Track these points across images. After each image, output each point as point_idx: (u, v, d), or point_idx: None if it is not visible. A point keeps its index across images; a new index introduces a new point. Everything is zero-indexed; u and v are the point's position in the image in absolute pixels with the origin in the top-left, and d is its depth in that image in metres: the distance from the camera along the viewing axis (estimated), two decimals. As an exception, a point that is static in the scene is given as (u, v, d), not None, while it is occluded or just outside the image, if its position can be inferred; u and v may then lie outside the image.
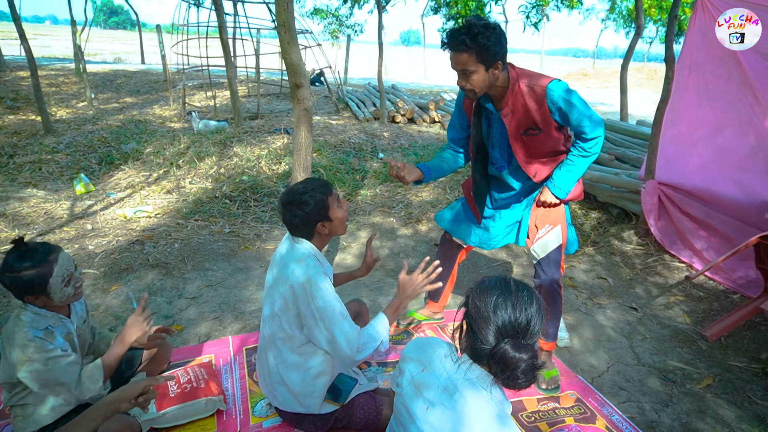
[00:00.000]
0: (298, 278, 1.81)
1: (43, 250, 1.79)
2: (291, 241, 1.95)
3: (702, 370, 2.67)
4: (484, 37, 1.95)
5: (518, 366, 1.18)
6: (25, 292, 1.77)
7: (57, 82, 11.47)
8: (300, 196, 1.84)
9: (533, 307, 1.23)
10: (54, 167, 5.76)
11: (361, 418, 2.04)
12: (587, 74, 23.77)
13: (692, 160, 3.78)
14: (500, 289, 1.25)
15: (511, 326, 1.21)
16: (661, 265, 3.82)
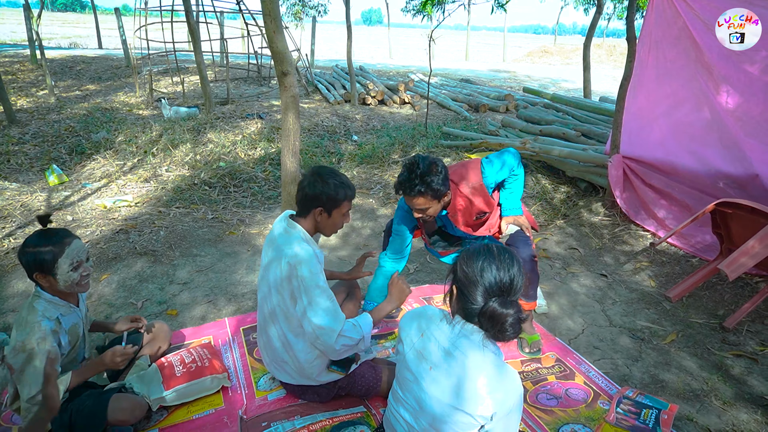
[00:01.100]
0: (293, 256, 1.90)
1: (62, 233, 1.91)
2: (285, 223, 2.04)
3: (667, 328, 2.93)
4: (435, 182, 2.25)
5: (506, 320, 1.35)
6: (35, 269, 1.86)
7: (12, 69, 11.02)
8: (330, 176, 1.94)
9: (515, 267, 1.40)
10: (23, 159, 5.64)
11: (363, 385, 2.18)
12: (549, 51, 24.16)
13: (653, 134, 4.02)
14: (485, 255, 1.41)
15: (497, 286, 1.37)
16: (627, 234, 4.08)
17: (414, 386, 1.55)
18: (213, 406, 2.25)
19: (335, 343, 1.92)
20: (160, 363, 2.31)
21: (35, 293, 1.95)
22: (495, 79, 14.29)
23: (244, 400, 2.29)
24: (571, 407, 2.26)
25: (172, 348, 2.57)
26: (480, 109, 8.14)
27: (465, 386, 1.42)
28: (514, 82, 13.90)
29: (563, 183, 5.02)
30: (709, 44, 3.59)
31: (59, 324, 1.93)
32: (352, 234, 4.19)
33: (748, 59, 3.35)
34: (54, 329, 1.88)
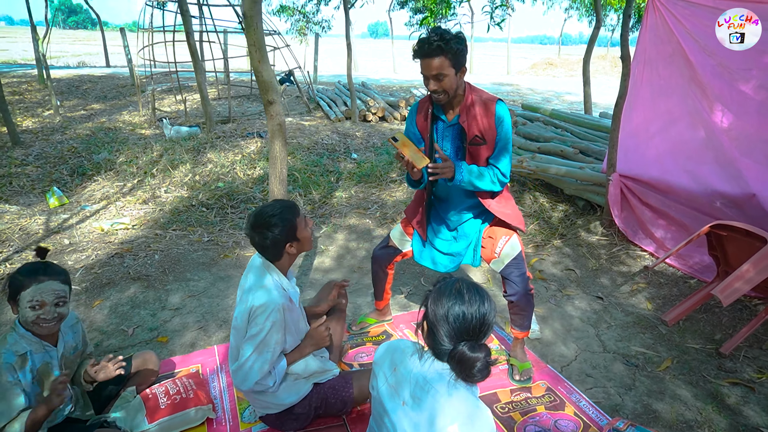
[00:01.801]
0: (253, 305, 1.93)
1: (44, 270, 1.92)
2: (263, 266, 2.03)
3: (662, 354, 2.87)
4: (456, 42, 2.12)
5: (475, 365, 1.33)
6: (8, 295, 1.90)
7: (20, 90, 11.21)
8: (269, 219, 1.92)
9: (484, 307, 1.38)
10: (25, 180, 5.70)
11: (336, 397, 2.17)
12: (553, 63, 24.18)
13: (649, 153, 3.99)
14: (454, 297, 1.39)
15: (465, 330, 1.36)
16: (625, 255, 4.03)
17: (387, 422, 1.53)
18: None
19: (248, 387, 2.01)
20: (145, 395, 2.30)
21: (13, 325, 1.95)
22: (498, 92, 14.32)
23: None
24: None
25: (161, 377, 2.56)
26: (481, 124, 8.13)
27: (436, 424, 1.40)
28: (517, 95, 13.92)
29: (561, 201, 4.98)
30: (702, 63, 3.57)
31: (25, 360, 1.90)
32: (346, 255, 4.18)
33: (741, 78, 3.33)
34: (13, 364, 1.86)
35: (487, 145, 2.31)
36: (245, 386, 2.00)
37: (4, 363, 1.83)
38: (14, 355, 1.87)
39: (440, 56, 2.12)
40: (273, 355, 1.97)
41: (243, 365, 1.95)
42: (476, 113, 2.29)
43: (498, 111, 2.27)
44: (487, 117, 2.28)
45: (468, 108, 2.29)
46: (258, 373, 1.96)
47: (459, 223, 2.57)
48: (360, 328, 3.09)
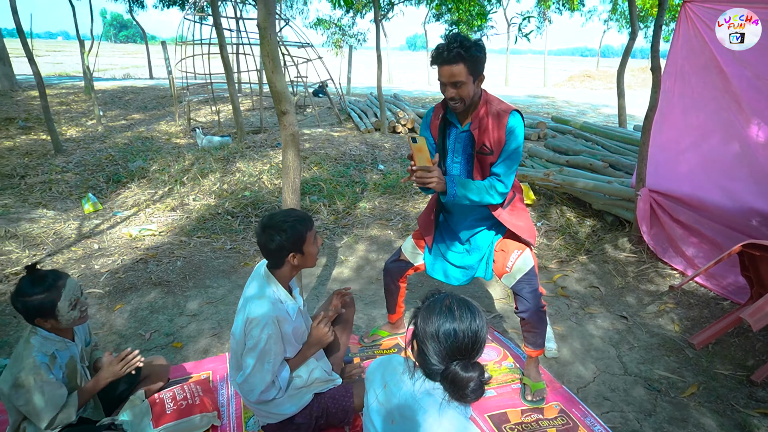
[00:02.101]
0: (248, 316, 1.92)
1: (53, 277, 1.97)
2: (264, 276, 2.03)
3: (687, 379, 2.72)
4: (475, 49, 2.08)
5: (468, 385, 1.27)
6: (35, 315, 1.93)
7: (67, 100, 11.74)
8: (281, 223, 1.92)
9: (476, 323, 1.31)
10: (64, 187, 5.93)
11: (336, 407, 2.14)
12: (591, 76, 23.70)
13: (680, 167, 3.83)
14: (444, 314, 1.33)
15: (457, 349, 1.30)
16: (653, 273, 3.87)
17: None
18: (200, 446, 2.24)
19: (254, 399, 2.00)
20: (152, 399, 2.33)
21: (31, 329, 2.01)
22: (532, 105, 14.12)
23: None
24: (570, 465, 2.12)
25: (171, 382, 2.59)
26: (511, 136, 8.01)
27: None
28: (552, 108, 13.68)
29: (589, 216, 4.83)
30: (737, 74, 3.41)
31: (54, 359, 1.98)
32: (366, 266, 4.16)
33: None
34: (47, 363, 1.94)
35: (494, 155, 2.25)
36: (252, 398, 2.00)
37: (42, 364, 1.91)
38: (45, 355, 1.94)
39: (459, 63, 2.07)
40: (274, 366, 1.96)
41: (247, 378, 1.95)
42: (488, 123, 2.23)
43: (510, 122, 2.21)
44: (499, 129, 2.22)
45: (481, 117, 2.24)
46: (261, 384, 1.95)
47: (471, 235, 2.52)
48: (372, 340, 3.05)
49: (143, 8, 17.84)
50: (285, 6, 19.92)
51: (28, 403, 1.88)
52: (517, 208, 2.44)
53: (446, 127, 2.37)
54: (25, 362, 1.91)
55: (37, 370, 1.89)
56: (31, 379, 1.87)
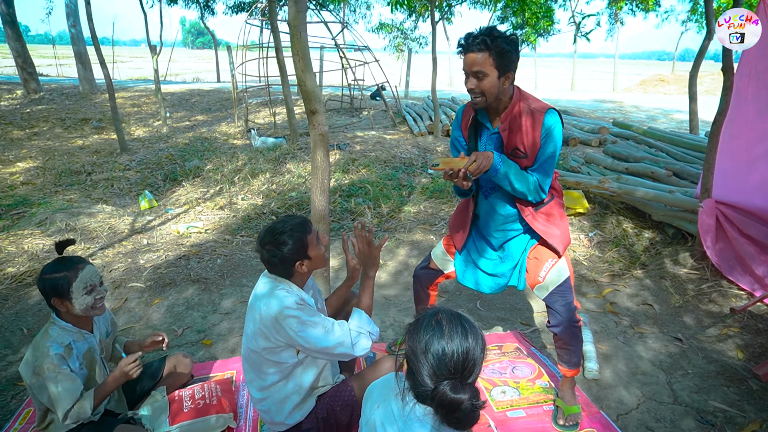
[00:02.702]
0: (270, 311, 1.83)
1: (75, 260, 2.03)
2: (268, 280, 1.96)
3: (748, 414, 2.43)
4: (504, 41, 1.93)
5: (459, 408, 1.13)
6: (52, 295, 1.97)
7: (139, 102, 12.41)
8: (279, 236, 1.84)
9: (468, 341, 1.17)
10: (124, 184, 6.23)
11: (340, 403, 2.04)
12: (665, 80, 22.37)
13: (752, 177, 3.47)
14: (432, 329, 1.20)
15: (445, 367, 1.16)
16: (716, 292, 3.52)
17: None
18: (214, 447, 2.22)
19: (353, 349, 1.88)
20: (172, 396, 2.33)
21: (51, 320, 2.06)
22: (598, 110, 13.49)
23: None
24: (600, 502, 1.92)
25: (196, 380, 2.60)
26: (570, 142, 7.66)
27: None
28: (619, 113, 13.01)
29: (648, 228, 4.49)
30: (821, 74, 3.04)
31: (70, 350, 2.02)
32: (404, 272, 4.05)
33: None
34: (62, 354, 1.97)
35: (529, 158, 2.09)
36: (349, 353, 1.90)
37: (55, 355, 1.95)
38: (61, 346, 1.99)
39: (483, 52, 1.93)
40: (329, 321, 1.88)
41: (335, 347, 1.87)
42: (522, 124, 2.07)
43: (546, 122, 2.03)
44: (534, 129, 2.06)
45: (513, 117, 2.08)
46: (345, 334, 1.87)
47: (504, 241, 2.35)
48: (400, 349, 2.94)
49: (213, 15, 18.64)
50: (348, 11, 20.19)
51: (46, 393, 1.93)
52: (553, 214, 2.26)
53: (477, 129, 2.23)
54: (41, 351, 1.96)
55: (52, 360, 1.93)
56: (45, 369, 1.90)
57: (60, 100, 11.89)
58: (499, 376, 2.67)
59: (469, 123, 2.23)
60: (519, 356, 2.86)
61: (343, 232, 2.41)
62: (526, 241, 2.31)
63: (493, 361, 2.81)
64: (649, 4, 16.69)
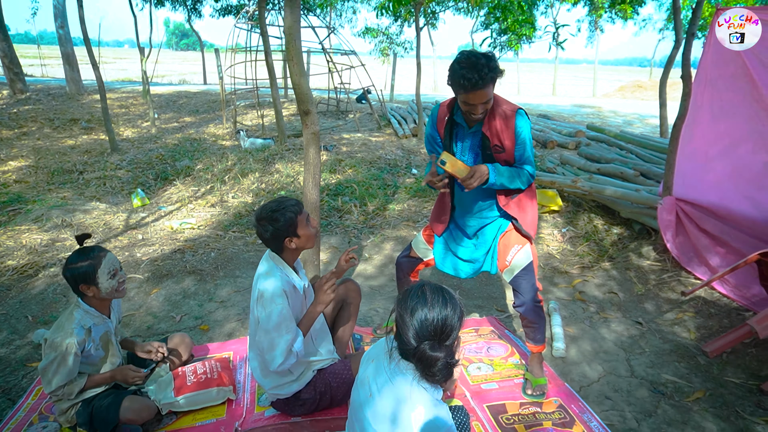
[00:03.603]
0: (260, 290, 2.10)
1: (96, 249, 2.26)
2: (270, 257, 2.22)
3: (695, 384, 2.72)
4: (495, 63, 2.14)
5: (435, 364, 1.38)
6: (80, 282, 2.19)
7: (127, 103, 12.50)
8: (272, 213, 2.10)
9: (447, 310, 1.42)
10: (116, 183, 6.38)
11: (338, 381, 2.28)
12: (643, 86, 23.00)
13: (708, 177, 3.79)
14: (418, 297, 1.45)
15: (427, 329, 1.41)
16: (675, 282, 3.82)
17: (359, 412, 1.62)
18: (216, 416, 2.44)
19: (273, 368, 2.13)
20: (176, 372, 2.55)
21: (76, 303, 2.28)
22: (576, 114, 13.90)
23: (244, 414, 2.45)
24: (560, 456, 2.18)
25: (193, 360, 2.81)
26: (548, 145, 7.98)
27: (397, 419, 1.48)
28: (597, 118, 13.43)
29: (617, 224, 4.80)
30: (767, 83, 3.36)
31: (89, 333, 2.24)
32: (389, 265, 4.30)
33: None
34: (83, 338, 2.20)
35: (506, 153, 2.35)
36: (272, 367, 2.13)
37: (77, 338, 2.17)
38: (83, 329, 2.21)
39: (490, 84, 2.14)
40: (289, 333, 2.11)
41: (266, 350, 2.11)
42: (497, 124, 2.33)
43: (517, 121, 2.29)
44: (508, 128, 2.31)
45: (490, 117, 2.32)
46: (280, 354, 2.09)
47: (478, 229, 2.60)
48: (385, 331, 3.18)
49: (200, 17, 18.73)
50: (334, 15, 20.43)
51: (50, 363, 2.14)
52: (528, 199, 2.50)
53: (453, 127, 2.49)
54: (65, 331, 2.17)
55: (72, 341, 2.15)
56: (64, 346, 2.12)
57: (47, 101, 11.93)
58: (475, 355, 2.93)
59: (444, 122, 2.48)
60: (493, 338, 3.13)
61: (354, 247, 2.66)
62: (497, 227, 2.57)
63: (470, 342, 3.07)
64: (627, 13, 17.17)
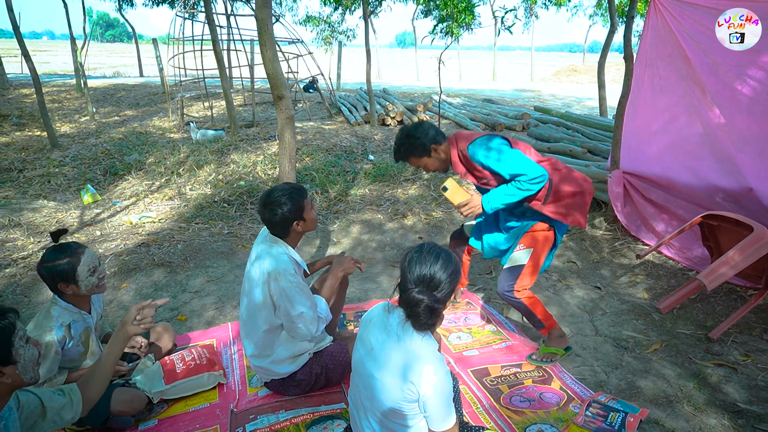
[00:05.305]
0: (270, 270, 2.15)
1: (74, 246, 2.20)
2: (269, 239, 2.27)
3: (652, 338, 2.99)
4: (409, 144, 2.52)
5: (419, 305, 1.51)
6: (59, 280, 2.14)
7: (59, 98, 11.83)
8: (279, 197, 2.16)
9: (436, 266, 1.57)
10: (62, 180, 6.09)
11: (335, 363, 2.37)
12: (577, 70, 24.08)
13: (651, 150, 4.10)
14: (416, 252, 1.61)
15: (419, 278, 1.56)
16: (627, 248, 4.14)
17: (361, 368, 1.72)
18: (208, 401, 2.46)
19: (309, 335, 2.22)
20: (163, 361, 2.54)
21: (53, 300, 2.22)
22: (519, 98, 14.40)
23: (237, 396, 2.49)
24: (543, 409, 2.37)
25: (177, 349, 2.80)
26: (497, 128, 8.28)
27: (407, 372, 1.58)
28: (538, 101, 13.97)
29: (569, 199, 5.09)
30: (699, 61, 3.67)
31: (68, 330, 2.19)
32: (358, 248, 4.39)
33: (734, 75, 3.42)
34: (63, 335, 2.16)
35: (492, 179, 2.52)
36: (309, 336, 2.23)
37: (56, 334, 2.12)
38: (62, 327, 2.16)
39: (408, 159, 2.58)
40: (310, 301, 2.20)
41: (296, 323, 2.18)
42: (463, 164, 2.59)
43: (470, 153, 2.51)
44: (469, 162, 2.55)
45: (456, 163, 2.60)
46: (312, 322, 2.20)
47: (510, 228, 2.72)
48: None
49: (132, 6, 17.90)
50: (275, 3, 20.05)
51: None
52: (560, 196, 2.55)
53: None
54: (44, 329, 2.13)
55: (52, 339, 2.11)
56: (44, 344, 2.08)
57: (-31, 97, 11.10)
58: (454, 325, 3.09)
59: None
60: (470, 309, 3.30)
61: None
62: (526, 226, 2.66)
63: (448, 313, 3.22)
64: None
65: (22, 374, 1.47)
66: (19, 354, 1.46)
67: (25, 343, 1.50)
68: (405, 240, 4.53)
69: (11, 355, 1.44)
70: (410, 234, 4.63)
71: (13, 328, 1.45)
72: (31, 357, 1.51)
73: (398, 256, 4.17)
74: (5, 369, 1.43)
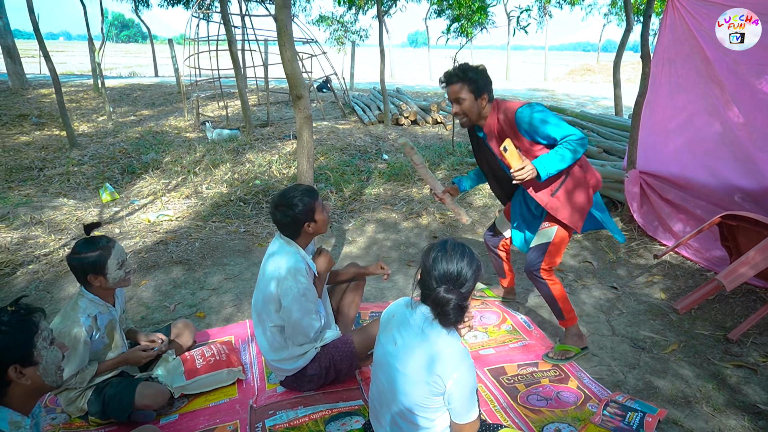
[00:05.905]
0: (281, 269, 2.19)
1: (105, 239, 2.27)
2: (280, 241, 2.32)
3: (670, 338, 2.97)
4: (473, 72, 2.46)
5: (448, 304, 1.53)
6: (88, 272, 2.20)
7: (77, 98, 12.01)
8: (291, 199, 2.19)
9: (463, 261, 1.58)
10: (81, 178, 6.19)
11: (341, 354, 2.40)
12: (591, 69, 23.90)
13: (668, 149, 4.07)
14: (440, 249, 1.61)
15: (445, 276, 1.57)
16: (643, 249, 4.11)
17: (384, 363, 1.74)
18: (228, 396, 2.50)
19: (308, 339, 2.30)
20: (184, 356, 2.58)
21: (80, 292, 2.28)
22: (533, 98, 14.33)
23: (256, 392, 2.52)
24: (560, 408, 2.37)
25: (196, 345, 2.84)
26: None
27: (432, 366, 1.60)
28: (552, 101, 13.90)
29: (584, 199, 5.07)
30: (718, 60, 3.64)
31: (95, 321, 2.25)
32: (373, 246, 4.41)
33: (754, 74, 3.39)
34: (90, 325, 2.21)
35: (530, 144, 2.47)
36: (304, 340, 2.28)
37: (84, 324, 2.18)
38: (89, 318, 2.21)
39: (459, 83, 2.47)
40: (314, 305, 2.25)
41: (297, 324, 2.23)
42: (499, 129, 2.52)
43: (517, 118, 2.45)
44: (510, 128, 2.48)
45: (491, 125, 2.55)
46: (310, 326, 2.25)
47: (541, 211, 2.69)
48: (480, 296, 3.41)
49: (148, 7, 18.09)
50: (287, 3, 20.14)
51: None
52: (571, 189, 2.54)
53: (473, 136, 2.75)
54: (71, 320, 2.18)
55: (81, 329, 2.16)
56: (73, 335, 2.14)
57: (-11, 97, 11.31)
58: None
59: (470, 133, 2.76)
60: (485, 307, 3.30)
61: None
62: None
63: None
64: (575, -2, 17.78)
65: (44, 376, 1.45)
66: (42, 356, 1.44)
67: (49, 345, 1.48)
68: (420, 239, 4.54)
69: (33, 356, 1.42)
70: (425, 233, 4.65)
71: (36, 328, 1.44)
72: (54, 359, 1.49)
73: (414, 256, 4.19)
74: (26, 370, 1.41)
